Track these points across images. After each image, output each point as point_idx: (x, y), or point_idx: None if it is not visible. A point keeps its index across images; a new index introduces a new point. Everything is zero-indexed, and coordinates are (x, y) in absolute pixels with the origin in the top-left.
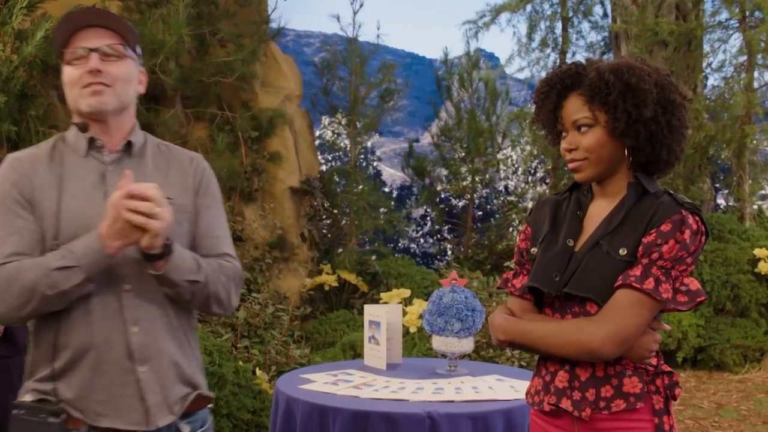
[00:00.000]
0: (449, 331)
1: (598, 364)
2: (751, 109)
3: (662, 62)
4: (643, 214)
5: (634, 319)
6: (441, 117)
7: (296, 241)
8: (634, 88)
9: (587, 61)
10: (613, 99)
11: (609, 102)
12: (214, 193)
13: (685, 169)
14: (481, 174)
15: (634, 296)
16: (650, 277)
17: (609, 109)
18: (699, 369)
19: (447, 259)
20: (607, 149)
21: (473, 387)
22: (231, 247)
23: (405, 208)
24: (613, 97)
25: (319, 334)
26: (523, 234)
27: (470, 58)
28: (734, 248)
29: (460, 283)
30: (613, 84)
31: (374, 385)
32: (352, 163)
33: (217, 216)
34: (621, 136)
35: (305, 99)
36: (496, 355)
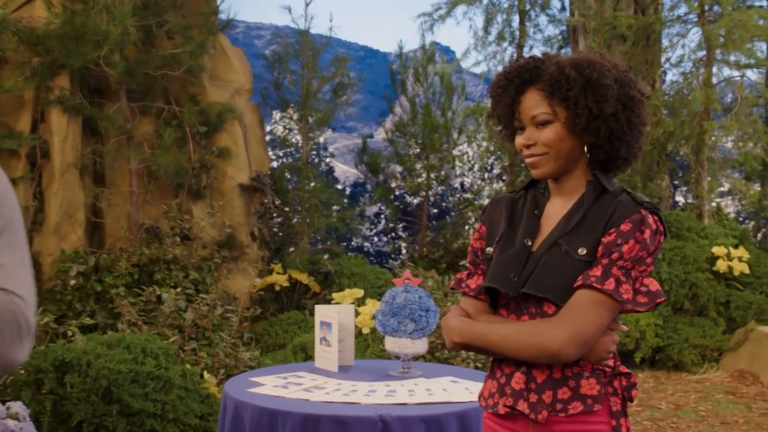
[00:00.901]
0: (402, 332)
1: (555, 366)
2: (710, 105)
3: (621, 57)
4: (602, 213)
5: (594, 320)
6: (395, 112)
7: (246, 239)
8: (595, 84)
9: (545, 56)
10: (574, 94)
11: (570, 97)
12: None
13: (644, 166)
14: (436, 170)
15: (594, 297)
16: (611, 277)
17: (569, 105)
18: (657, 369)
19: (401, 258)
20: (566, 145)
21: (427, 389)
22: (16, 279)
23: (358, 206)
24: (574, 92)
25: (269, 336)
26: (477, 233)
27: (425, 52)
28: (693, 246)
29: (413, 282)
30: (575, 79)
31: (325, 387)
32: (304, 160)
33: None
34: (581, 132)
35: (255, 93)
36: (451, 357)
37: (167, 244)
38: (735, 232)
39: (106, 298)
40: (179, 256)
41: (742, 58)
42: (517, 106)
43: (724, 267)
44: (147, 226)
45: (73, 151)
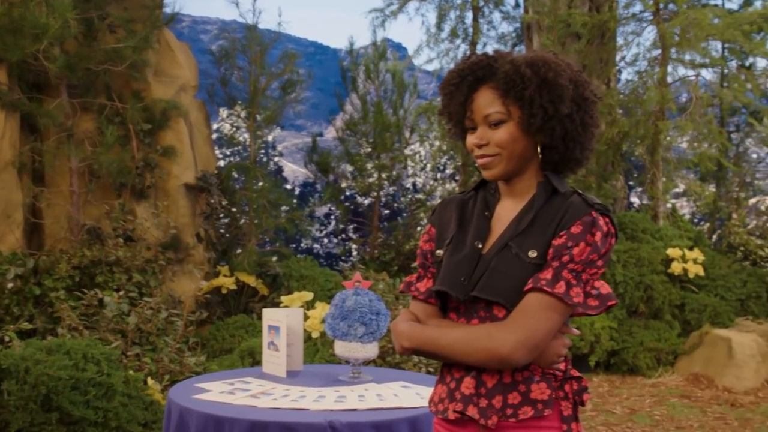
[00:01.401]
0: (352, 336)
1: (505, 371)
2: (665, 105)
3: (575, 55)
4: (553, 215)
5: (545, 323)
6: (346, 110)
7: (191, 241)
8: (551, 84)
9: (497, 53)
10: (529, 94)
11: (524, 97)
12: None
13: (599, 167)
14: (387, 170)
15: (545, 300)
16: (561, 280)
17: (524, 105)
18: (612, 373)
19: (352, 260)
20: (519, 146)
21: (377, 394)
22: None
23: (308, 206)
24: (529, 92)
25: (215, 341)
26: (426, 235)
27: (377, 48)
28: (647, 248)
29: (364, 285)
30: (530, 78)
31: (273, 393)
32: (252, 159)
33: None
34: (535, 133)
35: (201, 90)
36: (402, 361)
37: (109, 246)
38: (690, 233)
39: (45, 301)
40: (122, 258)
41: (696, 57)
42: (470, 105)
43: (679, 269)
44: (88, 227)
45: (11, 149)
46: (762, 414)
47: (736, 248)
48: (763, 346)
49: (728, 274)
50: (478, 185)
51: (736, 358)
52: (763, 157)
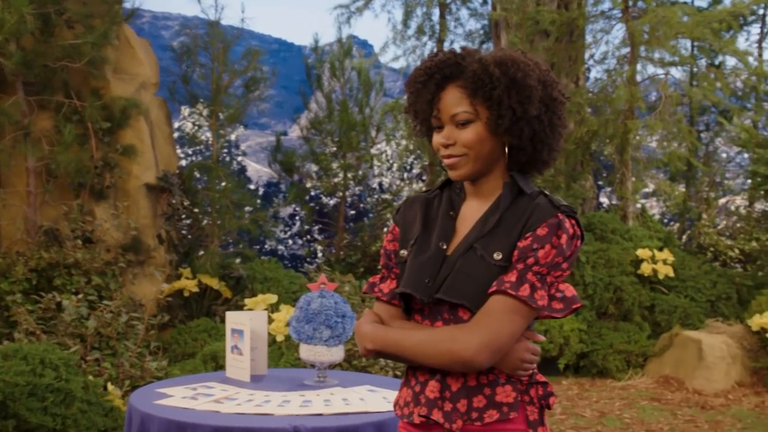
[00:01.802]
0: (318, 339)
1: (470, 374)
2: (634, 104)
3: (543, 53)
4: (519, 217)
5: (508, 326)
6: (311, 108)
7: (152, 242)
8: (520, 84)
9: (465, 51)
10: (498, 94)
11: (493, 97)
12: None
13: (567, 166)
14: (353, 170)
15: (509, 303)
16: (525, 283)
17: (492, 105)
18: (581, 376)
19: (317, 261)
20: (487, 146)
21: (343, 399)
22: None
23: (272, 207)
24: (498, 92)
25: (177, 345)
26: (390, 234)
27: (342, 46)
28: (617, 249)
29: (329, 287)
30: (498, 78)
31: (237, 398)
32: (214, 158)
33: None
34: (502, 133)
35: (162, 87)
36: (369, 365)
37: (68, 248)
38: (660, 234)
39: (1, 305)
40: (81, 260)
41: (666, 55)
42: (437, 103)
43: (648, 270)
44: (46, 228)
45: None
46: (732, 416)
47: (706, 249)
48: (734, 348)
49: (698, 275)
50: (443, 184)
51: (706, 360)
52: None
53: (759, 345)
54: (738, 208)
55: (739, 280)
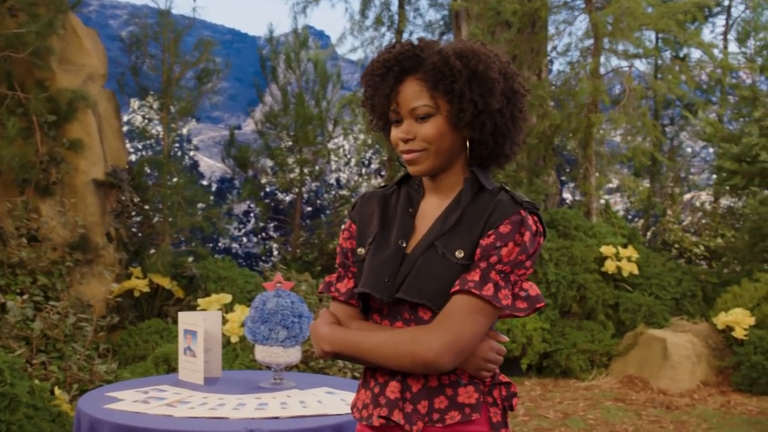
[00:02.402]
0: (274, 340)
1: (431, 375)
2: (598, 97)
3: (505, 44)
4: (480, 214)
5: (471, 327)
6: (266, 101)
7: (101, 241)
8: (481, 77)
9: (423, 42)
10: (459, 87)
11: (454, 90)
12: None
13: (529, 161)
14: (310, 165)
15: (472, 303)
16: (489, 282)
17: (453, 98)
18: (544, 376)
19: (273, 260)
20: (447, 141)
21: (301, 401)
22: None
23: (225, 204)
24: (459, 85)
25: (128, 347)
26: (347, 232)
27: (298, 36)
28: (580, 246)
29: (285, 286)
30: (460, 71)
31: (190, 402)
32: (166, 153)
33: None
34: (464, 127)
35: (111, 79)
36: (327, 366)
37: (12, 246)
38: (624, 230)
39: None
40: (26, 259)
41: (630, 47)
42: (395, 97)
43: (612, 267)
44: None
45: None
46: (698, 417)
47: (671, 245)
48: (699, 347)
49: (663, 272)
50: (400, 180)
51: (671, 359)
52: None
53: (724, 343)
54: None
55: (704, 278)
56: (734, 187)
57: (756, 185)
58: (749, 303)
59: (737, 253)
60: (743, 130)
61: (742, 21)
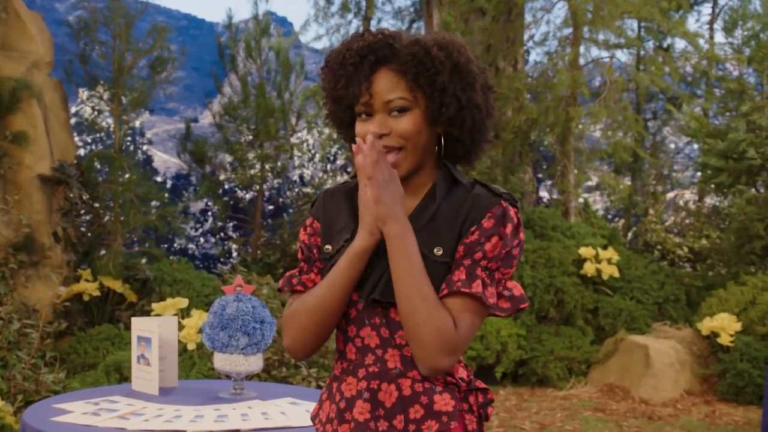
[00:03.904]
0: (234, 348)
1: (404, 383)
2: (577, 89)
3: (479, 33)
4: (457, 209)
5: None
6: (224, 92)
7: (48, 241)
8: (463, 70)
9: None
10: (442, 81)
11: (436, 83)
12: None
13: (505, 157)
14: (271, 161)
15: (465, 303)
16: (477, 279)
17: (434, 92)
18: (520, 385)
19: (232, 261)
20: (424, 137)
21: (263, 412)
22: None
23: (181, 201)
24: (443, 78)
25: (77, 355)
26: (309, 228)
27: (259, 23)
28: (558, 247)
29: (246, 290)
30: (443, 62)
31: (144, 414)
32: (117, 147)
33: None
34: (444, 124)
35: (58, 67)
36: (290, 375)
37: None
38: (604, 231)
39: None
40: None
41: (611, 37)
42: (368, 88)
43: (592, 270)
44: None
45: None
46: (681, 427)
47: (653, 247)
48: (682, 354)
49: (644, 275)
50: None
51: (653, 367)
52: (681, 147)
53: (709, 350)
54: (687, 203)
55: (688, 281)
56: (720, 185)
57: (743, 183)
58: (735, 308)
59: (723, 255)
60: (730, 125)
61: (729, 9)
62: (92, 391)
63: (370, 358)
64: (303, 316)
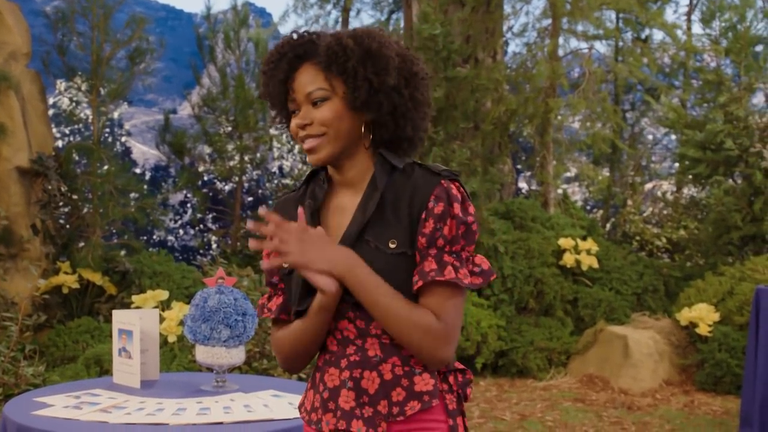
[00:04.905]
0: (216, 340)
1: (384, 369)
2: (556, 80)
3: (459, 24)
4: (400, 197)
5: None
6: (203, 84)
7: (26, 233)
8: (375, 55)
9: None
10: (353, 66)
11: (348, 69)
12: None
13: (484, 148)
14: (251, 152)
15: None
16: (447, 266)
17: (348, 78)
18: (500, 376)
19: (212, 253)
20: (345, 123)
21: (245, 405)
22: None
23: (160, 193)
24: (353, 63)
25: (56, 348)
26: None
27: (237, 14)
28: (537, 238)
29: (227, 282)
30: (352, 49)
31: (126, 407)
32: (96, 139)
33: None
34: (361, 108)
35: (35, 58)
36: (272, 367)
37: None
38: (583, 222)
39: None
40: None
41: (590, 28)
42: (291, 84)
43: (571, 261)
44: None
45: None
46: (660, 417)
47: (632, 238)
48: (661, 344)
49: (623, 266)
50: (307, 178)
51: (632, 357)
52: (659, 138)
53: (688, 341)
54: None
55: (666, 271)
56: (698, 176)
57: (720, 174)
58: (713, 298)
59: (701, 245)
60: (707, 116)
61: (706, 1)
62: (73, 384)
63: (351, 348)
64: (288, 347)
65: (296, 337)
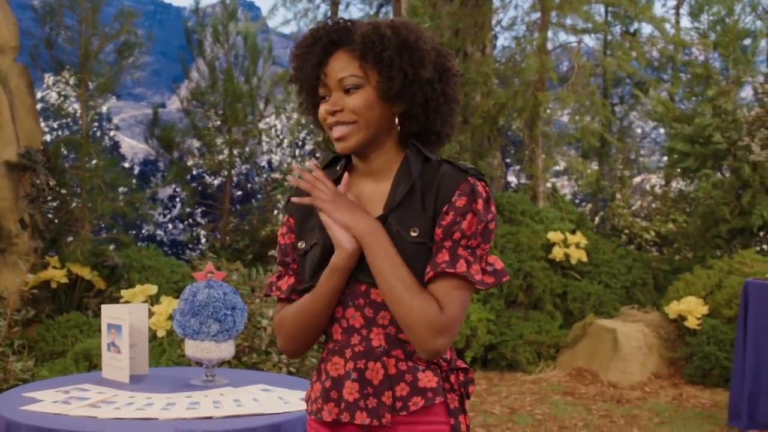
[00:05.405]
0: (205, 334)
1: (389, 362)
2: (545, 74)
3: (447, 17)
4: (428, 188)
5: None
6: (192, 77)
7: (14, 228)
8: (412, 46)
9: (355, 21)
10: (389, 56)
11: (384, 59)
12: None
13: (473, 142)
14: (240, 146)
15: (451, 283)
16: (460, 259)
17: (383, 67)
18: (490, 369)
19: (201, 248)
20: (376, 113)
21: (235, 400)
22: None
23: (149, 188)
24: (389, 53)
25: (45, 343)
26: (284, 227)
27: (226, 8)
28: (527, 232)
29: (217, 276)
30: (390, 39)
31: (115, 402)
32: (84, 133)
33: None
34: (393, 98)
35: (23, 52)
36: (261, 361)
37: None
38: (572, 215)
39: None
40: None
41: (579, 21)
42: (323, 69)
43: (560, 255)
44: None
45: None
46: (649, 410)
47: (620, 231)
48: (650, 337)
49: (612, 259)
50: (326, 165)
51: (621, 350)
52: (648, 131)
53: (676, 334)
54: (654, 188)
55: (655, 265)
56: (686, 169)
57: (709, 168)
58: (702, 291)
59: (689, 238)
60: (696, 109)
61: None
62: (62, 379)
63: (356, 338)
64: (290, 324)
65: (302, 310)
